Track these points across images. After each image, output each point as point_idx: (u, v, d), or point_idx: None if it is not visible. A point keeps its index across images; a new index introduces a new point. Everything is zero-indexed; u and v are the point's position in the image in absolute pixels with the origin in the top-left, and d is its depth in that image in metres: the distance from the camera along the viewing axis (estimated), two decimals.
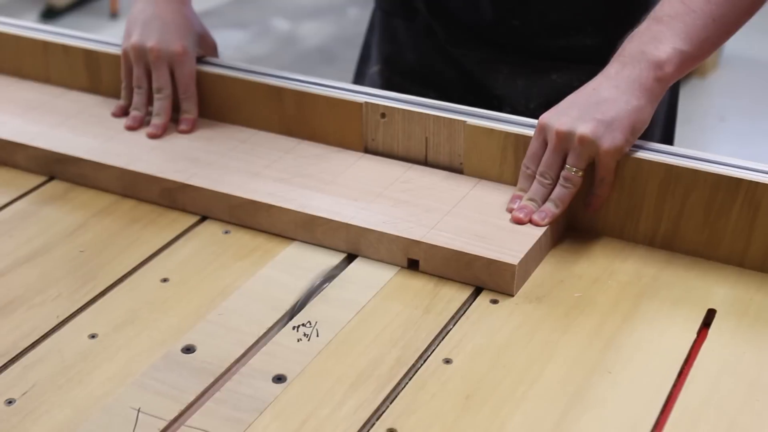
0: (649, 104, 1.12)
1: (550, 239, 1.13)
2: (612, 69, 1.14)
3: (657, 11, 1.15)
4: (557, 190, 1.13)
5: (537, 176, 1.14)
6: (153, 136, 1.33)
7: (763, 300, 1.07)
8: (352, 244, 1.14)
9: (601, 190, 1.13)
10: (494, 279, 1.07)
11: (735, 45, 4.38)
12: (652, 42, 1.12)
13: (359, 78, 1.64)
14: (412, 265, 1.11)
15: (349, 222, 1.13)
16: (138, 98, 1.36)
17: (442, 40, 1.48)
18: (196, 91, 1.35)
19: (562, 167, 1.13)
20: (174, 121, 1.35)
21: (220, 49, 1.44)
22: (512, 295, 1.07)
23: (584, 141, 1.09)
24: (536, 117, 1.18)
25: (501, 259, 1.06)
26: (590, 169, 1.12)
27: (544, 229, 1.11)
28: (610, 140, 1.09)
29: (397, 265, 1.12)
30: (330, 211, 1.15)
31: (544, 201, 1.13)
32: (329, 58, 4.42)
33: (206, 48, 1.41)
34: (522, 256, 1.07)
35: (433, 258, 1.10)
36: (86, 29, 4.77)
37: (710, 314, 1.05)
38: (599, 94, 1.12)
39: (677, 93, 1.56)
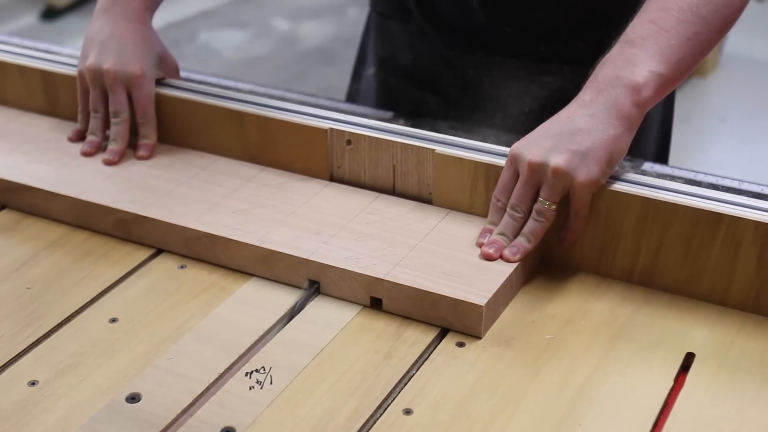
0: (627, 132, 1.07)
1: (521, 276, 1.08)
2: (586, 96, 1.08)
3: (628, 34, 1.09)
4: (530, 224, 1.07)
5: (508, 209, 1.08)
6: (109, 163, 1.27)
7: (744, 342, 1.01)
8: (312, 281, 1.08)
9: (575, 224, 1.07)
10: (461, 320, 1.01)
11: (735, 45, 4.45)
12: (627, 66, 1.07)
13: (356, 80, 1.63)
14: (376, 304, 1.05)
15: (309, 258, 1.07)
16: (94, 122, 1.30)
17: (436, 43, 1.45)
18: (155, 115, 1.30)
19: (534, 200, 1.07)
20: (132, 146, 1.29)
21: (220, 49, 1.39)
22: (479, 338, 1.01)
23: (558, 173, 1.04)
24: (531, 121, 1.14)
25: (468, 299, 1.01)
26: (564, 203, 1.06)
27: (514, 265, 1.05)
28: (585, 172, 1.04)
29: (360, 304, 1.06)
30: (289, 246, 1.09)
31: (516, 235, 1.08)
32: (329, 58, 4.41)
33: (167, 69, 1.34)
34: (490, 296, 1.01)
35: (397, 297, 1.04)
36: (86, 29, 4.74)
37: (689, 357, 0.99)
38: (573, 123, 1.06)
39: (672, 108, 1.51)
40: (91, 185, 1.22)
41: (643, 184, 1.08)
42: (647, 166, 1.30)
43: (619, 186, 1.07)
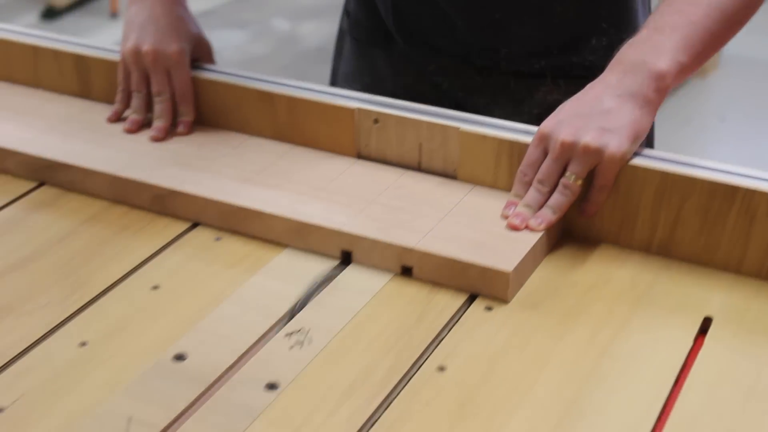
0: (649, 114, 1.12)
1: (545, 245, 1.12)
2: (613, 77, 1.13)
3: (657, 21, 1.14)
4: (555, 197, 1.12)
5: (535, 183, 1.13)
6: (156, 140, 1.32)
7: (760, 307, 1.06)
8: (345, 252, 1.13)
9: (598, 197, 1.12)
10: (488, 286, 1.06)
11: (735, 45, 4.40)
12: (653, 52, 1.12)
13: None
14: (406, 272, 1.10)
15: (342, 229, 1.12)
16: (137, 102, 1.36)
17: (421, 67, 1.47)
18: (193, 93, 1.35)
19: (561, 176, 1.12)
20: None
21: (220, 49, 1.43)
22: (507, 302, 1.06)
23: (589, 150, 1.08)
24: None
25: (495, 267, 1.05)
26: (587, 177, 1.11)
27: (539, 235, 1.10)
28: (615, 148, 1.09)
29: (391, 272, 1.11)
30: (322, 218, 1.14)
31: (540, 208, 1.13)
32: (329, 58, 4.41)
33: (201, 49, 1.40)
34: (517, 263, 1.06)
35: (427, 265, 1.09)
36: (86, 29, 4.86)
37: (707, 322, 1.04)
38: (602, 103, 1.11)
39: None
40: (127, 162, 1.26)
41: (661, 158, 1.12)
42: None
43: (637, 161, 1.12)
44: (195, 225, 1.21)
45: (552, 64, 1.41)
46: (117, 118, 1.37)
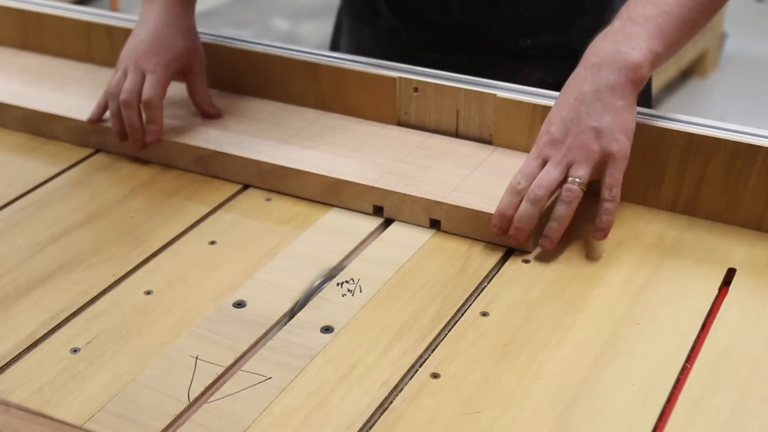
0: (630, 106, 1.13)
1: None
2: (587, 72, 1.13)
3: (631, 11, 1.15)
4: (559, 208, 1.12)
5: (533, 187, 1.12)
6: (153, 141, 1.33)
7: None
8: (376, 206, 1.21)
9: (611, 204, 1.11)
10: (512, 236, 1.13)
11: (735, 45, 4.45)
12: (627, 42, 1.12)
13: None
14: (434, 225, 1.18)
15: (374, 185, 1.20)
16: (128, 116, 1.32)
17: (408, 43, 1.49)
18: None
19: (560, 183, 1.12)
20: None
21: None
22: (529, 252, 1.13)
23: (591, 152, 1.11)
24: None
25: None
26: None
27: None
28: (616, 147, 1.10)
29: (420, 225, 1.18)
30: (356, 175, 1.22)
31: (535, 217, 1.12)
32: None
33: (193, 62, 1.38)
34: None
35: (455, 218, 1.16)
36: None
37: (730, 273, 1.11)
38: (585, 103, 1.12)
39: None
40: (169, 128, 1.34)
41: (686, 121, 1.19)
42: None
43: (664, 123, 1.19)
44: (246, 187, 1.29)
45: (538, 44, 1.43)
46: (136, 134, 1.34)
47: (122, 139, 1.32)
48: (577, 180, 1.11)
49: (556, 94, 1.24)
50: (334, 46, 1.67)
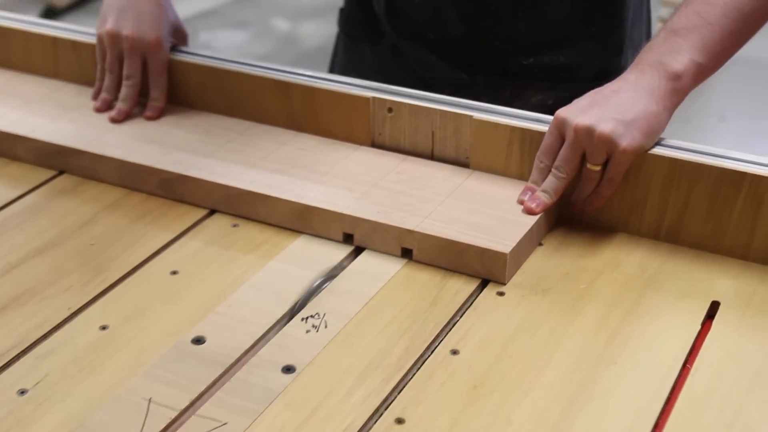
0: (666, 112, 1.13)
1: (543, 227, 1.15)
2: (631, 75, 1.14)
3: (674, 23, 1.15)
4: (551, 180, 1.14)
5: (553, 170, 1.15)
6: (114, 121, 1.36)
7: (766, 292, 1.08)
8: (346, 234, 1.16)
9: (606, 190, 1.14)
10: (486, 267, 1.09)
11: None
12: (671, 53, 1.13)
13: None
14: (406, 254, 1.13)
15: (343, 212, 1.15)
16: (108, 82, 1.40)
17: (409, 62, 1.49)
18: (166, 80, 1.39)
19: (578, 162, 1.13)
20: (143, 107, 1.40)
21: (220, 49, 1.46)
22: (504, 284, 1.09)
23: (603, 138, 1.10)
24: None
25: (492, 248, 1.08)
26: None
27: (536, 218, 1.13)
28: (629, 140, 1.10)
29: (392, 254, 1.13)
30: (326, 201, 1.17)
31: (558, 194, 1.14)
32: (329, 58, 4.42)
33: (179, 37, 1.44)
34: (514, 244, 1.08)
35: (427, 247, 1.11)
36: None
37: (714, 306, 1.06)
38: (619, 96, 1.12)
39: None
40: (135, 148, 1.30)
41: (670, 145, 1.14)
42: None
43: None
44: (212, 212, 1.24)
45: (540, 63, 1.42)
46: (97, 96, 1.41)
47: (104, 110, 1.38)
48: (596, 166, 1.12)
49: (535, 115, 1.20)
50: (331, 70, 1.68)
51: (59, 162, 1.32)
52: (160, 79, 1.38)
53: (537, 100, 1.43)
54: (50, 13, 4.77)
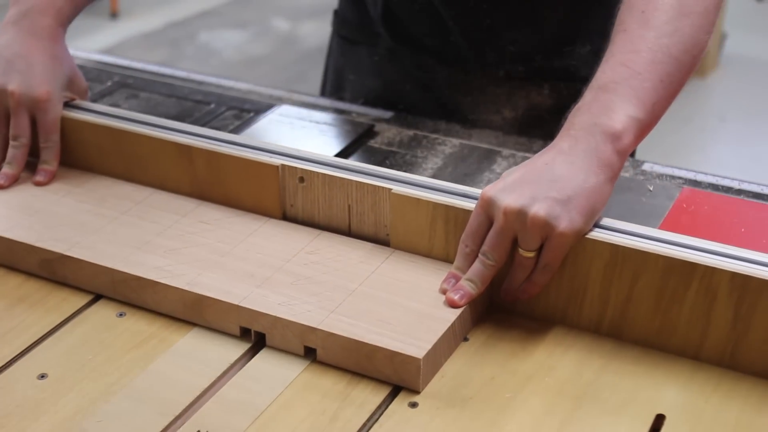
0: (609, 181, 0.99)
1: (468, 321, 1.01)
2: (564, 143, 1.00)
3: (600, 79, 1.02)
4: (476, 267, 1.00)
5: (480, 255, 1.00)
6: (0, 187, 1.22)
7: (719, 402, 0.94)
8: (243, 328, 1.01)
9: (542, 277, 1.00)
10: (398, 373, 0.95)
11: (735, 45, 4.54)
12: (604, 112, 0.99)
13: None
14: (310, 354, 0.99)
15: (240, 304, 1.00)
16: None
17: (407, 64, 1.44)
18: (58, 140, 1.24)
19: (509, 248, 0.99)
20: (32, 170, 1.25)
21: (220, 49, 1.35)
22: (419, 392, 0.94)
23: (537, 222, 0.96)
24: (512, 135, 1.20)
25: (405, 351, 0.94)
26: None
27: (458, 312, 0.99)
28: (567, 222, 0.96)
29: (295, 354, 0.99)
30: (221, 290, 1.02)
31: (485, 283, 1.00)
32: None
33: (76, 90, 1.29)
34: (429, 347, 0.94)
35: (332, 347, 0.97)
36: (86, 29, 4.80)
37: (659, 420, 0.92)
38: (553, 170, 0.98)
39: None
40: (16, 221, 1.15)
41: (611, 229, 1.00)
42: (647, 166, 1.29)
43: None
44: (98, 297, 1.09)
45: (536, 67, 1.39)
46: None
47: None
48: (530, 253, 0.98)
49: (461, 189, 1.07)
50: (326, 69, 1.65)
51: None
52: (51, 138, 1.23)
53: (534, 102, 1.40)
54: None
